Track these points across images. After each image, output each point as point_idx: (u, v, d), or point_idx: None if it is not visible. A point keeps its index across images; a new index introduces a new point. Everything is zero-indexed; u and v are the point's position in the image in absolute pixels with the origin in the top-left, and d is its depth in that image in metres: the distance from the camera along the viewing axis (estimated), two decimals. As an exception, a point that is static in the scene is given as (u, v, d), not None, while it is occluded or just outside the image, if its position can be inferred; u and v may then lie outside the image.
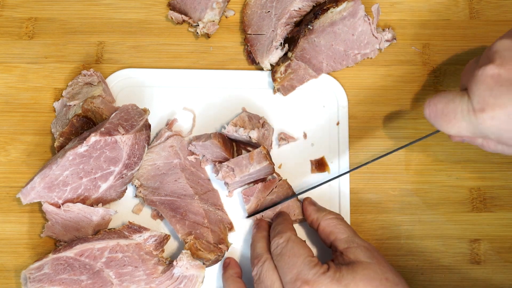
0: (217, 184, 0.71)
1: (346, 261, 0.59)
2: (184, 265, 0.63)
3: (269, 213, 0.68)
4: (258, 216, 0.69)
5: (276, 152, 0.72)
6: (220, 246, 0.67)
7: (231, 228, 0.69)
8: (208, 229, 0.67)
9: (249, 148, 0.71)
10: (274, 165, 0.67)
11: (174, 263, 0.63)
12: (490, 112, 0.53)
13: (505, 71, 0.52)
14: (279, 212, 0.68)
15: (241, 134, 0.68)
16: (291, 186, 0.70)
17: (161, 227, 0.70)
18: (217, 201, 0.70)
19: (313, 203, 0.68)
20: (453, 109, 0.56)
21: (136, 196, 0.70)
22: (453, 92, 0.57)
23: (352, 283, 0.56)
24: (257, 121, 0.70)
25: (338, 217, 0.65)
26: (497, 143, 0.58)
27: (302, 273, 0.57)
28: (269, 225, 0.67)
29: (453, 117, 0.56)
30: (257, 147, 0.70)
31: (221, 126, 0.72)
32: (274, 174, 0.69)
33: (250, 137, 0.68)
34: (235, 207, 0.71)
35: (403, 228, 0.70)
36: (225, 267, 0.68)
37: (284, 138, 0.72)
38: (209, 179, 0.71)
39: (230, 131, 0.68)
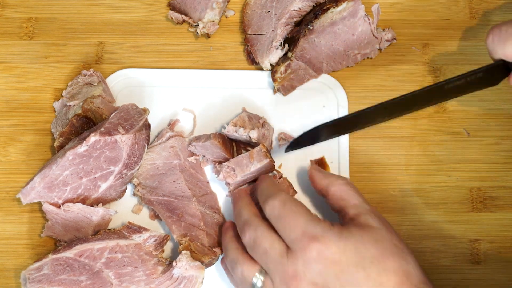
0: (216, 187, 0.71)
1: (356, 225, 0.58)
2: (184, 265, 0.63)
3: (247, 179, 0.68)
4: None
5: (276, 152, 0.72)
6: (214, 249, 0.67)
7: (226, 232, 0.69)
8: (204, 232, 0.67)
9: (249, 148, 0.71)
10: (274, 162, 0.67)
11: (174, 263, 0.63)
12: None
13: None
14: (261, 177, 0.66)
15: (241, 134, 0.68)
16: (291, 184, 0.69)
17: (160, 228, 0.70)
18: (215, 204, 0.70)
19: (320, 170, 0.66)
20: None
21: (134, 194, 0.70)
22: None
23: (360, 242, 0.55)
24: (257, 121, 0.70)
25: (348, 182, 0.63)
26: None
27: (309, 229, 0.55)
28: (248, 192, 0.66)
29: None
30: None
31: (221, 126, 0.72)
32: (275, 171, 0.69)
33: (250, 137, 0.68)
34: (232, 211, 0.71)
35: (403, 228, 0.70)
36: (225, 231, 0.66)
37: (284, 138, 0.72)
38: (208, 182, 0.71)
39: (230, 131, 0.68)
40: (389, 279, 0.55)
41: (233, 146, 0.69)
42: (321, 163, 0.71)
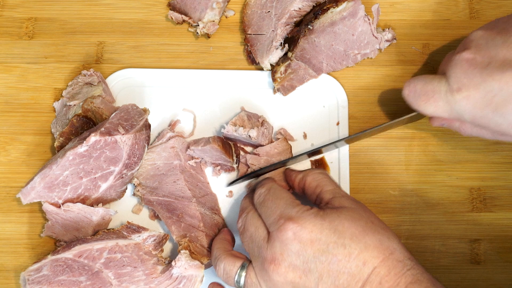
0: (216, 188, 0.71)
1: (332, 208, 0.59)
2: (183, 265, 0.63)
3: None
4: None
5: (276, 152, 0.72)
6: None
7: (226, 233, 0.69)
8: (203, 233, 0.67)
9: (247, 148, 0.71)
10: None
11: (173, 263, 0.63)
12: (465, 91, 0.57)
13: (479, 56, 0.58)
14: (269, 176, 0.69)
15: (240, 133, 0.68)
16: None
17: (160, 228, 0.70)
18: (215, 205, 0.70)
19: (294, 169, 0.68)
20: (432, 89, 0.61)
21: (134, 194, 0.70)
22: (431, 75, 0.62)
23: (337, 220, 0.56)
24: (256, 120, 0.70)
25: (323, 172, 0.65)
26: (472, 126, 0.62)
27: (285, 212, 0.57)
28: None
29: (431, 96, 0.61)
30: (257, 147, 0.70)
31: (221, 126, 0.72)
32: None
33: (249, 136, 0.68)
34: (233, 212, 0.71)
35: (403, 228, 0.70)
36: (218, 233, 0.68)
37: (283, 134, 0.72)
38: (208, 183, 0.71)
39: (230, 131, 0.68)
40: (373, 255, 0.54)
41: (232, 147, 0.69)
42: (321, 163, 0.71)
